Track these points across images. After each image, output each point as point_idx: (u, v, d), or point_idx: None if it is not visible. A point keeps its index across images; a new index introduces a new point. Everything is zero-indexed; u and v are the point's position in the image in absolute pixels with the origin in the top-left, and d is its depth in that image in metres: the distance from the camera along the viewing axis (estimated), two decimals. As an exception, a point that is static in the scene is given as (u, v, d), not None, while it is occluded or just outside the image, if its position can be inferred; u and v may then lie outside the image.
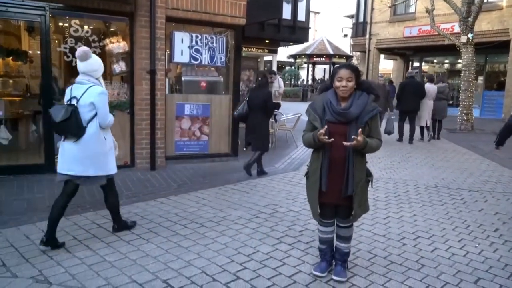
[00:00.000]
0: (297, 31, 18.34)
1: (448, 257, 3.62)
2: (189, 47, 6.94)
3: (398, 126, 10.14)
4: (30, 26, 6.66)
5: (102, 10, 6.09)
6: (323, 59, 30.06)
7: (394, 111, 10.43)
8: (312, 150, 3.16)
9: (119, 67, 6.44)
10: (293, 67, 35.28)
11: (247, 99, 6.45)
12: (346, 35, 33.84)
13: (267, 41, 18.56)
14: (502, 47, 15.27)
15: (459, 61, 14.89)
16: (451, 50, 14.52)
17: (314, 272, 3.21)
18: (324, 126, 2.95)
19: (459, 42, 12.53)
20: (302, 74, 34.98)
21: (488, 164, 7.74)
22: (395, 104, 10.46)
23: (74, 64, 5.96)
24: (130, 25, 6.41)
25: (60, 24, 6.36)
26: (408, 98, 9.86)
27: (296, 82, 33.50)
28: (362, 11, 22.87)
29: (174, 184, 5.86)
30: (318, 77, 35.47)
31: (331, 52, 29.19)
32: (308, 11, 19.66)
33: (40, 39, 5.84)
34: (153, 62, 6.38)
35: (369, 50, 21.05)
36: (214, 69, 7.63)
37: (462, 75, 12.84)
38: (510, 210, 5.00)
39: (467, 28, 12.19)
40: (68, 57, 5.96)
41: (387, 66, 27.75)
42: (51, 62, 5.94)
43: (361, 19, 23.00)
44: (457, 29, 13.90)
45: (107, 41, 6.33)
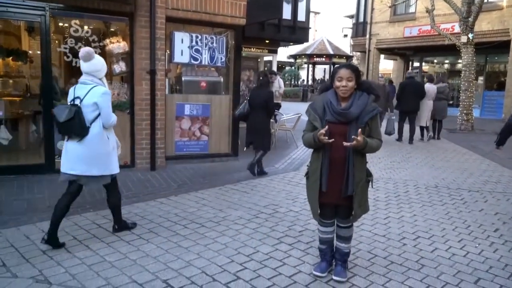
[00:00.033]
0: (297, 31, 18.33)
1: (448, 257, 3.62)
2: (189, 47, 6.94)
3: (398, 126, 10.14)
4: (30, 26, 6.67)
5: (102, 10, 6.09)
6: (323, 59, 30.07)
7: (394, 112, 10.43)
8: (312, 150, 3.16)
9: (119, 67, 6.44)
10: (293, 67, 35.28)
11: (248, 99, 6.46)
12: (346, 35, 33.84)
13: (267, 41, 18.55)
14: (502, 47, 15.26)
15: (459, 61, 14.88)
16: (451, 50, 14.51)
17: (314, 272, 3.21)
18: (324, 126, 2.95)
19: (459, 42, 12.53)
20: (302, 74, 34.97)
21: (488, 164, 7.73)
22: (395, 104, 10.46)
23: (74, 64, 5.99)
24: (130, 25, 6.42)
25: (60, 24, 6.36)
26: (408, 98, 9.87)
27: (296, 82, 33.50)
28: (362, 11, 22.88)
29: (174, 184, 5.86)
30: (318, 77, 35.47)
31: (331, 52, 29.19)
32: (308, 11, 19.65)
33: (40, 39, 5.84)
34: (153, 62, 6.38)
35: (369, 50, 21.05)
36: (214, 69, 7.63)
37: (462, 75, 12.84)
38: (510, 210, 5.00)
39: (467, 28, 12.19)
40: (68, 57, 5.97)
41: (387, 66, 27.76)
42: (51, 62, 5.94)
43: (361, 19, 23.01)
44: (457, 29, 13.90)
45: (107, 41, 6.33)
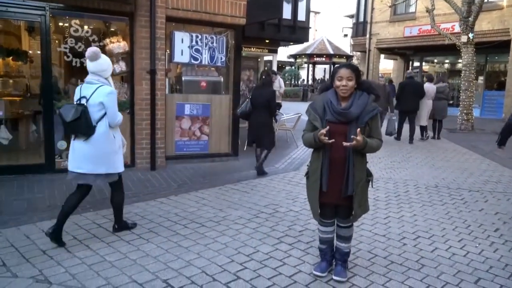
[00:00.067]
0: (297, 31, 18.32)
1: (448, 257, 3.62)
2: (189, 47, 6.94)
3: (398, 125, 10.14)
4: (30, 26, 6.67)
5: (102, 10, 6.09)
6: (323, 59, 30.04)
7: (394, 112, 10.42)
8: (312, 150, 3.16)
9: (119, 67, 6.43)
10: (293, 67, 35.27)
11: (251, 97, 6.49)
12: (346, 35, 33.83)
13: (267, 41, 18.51)
14: (502, 47, 15.26)
15: (460, 61, 14.87)
16: (452, 50, 14.50)
17: (314, 272, 3.20)
18: (324, 125, 2.95)
19: (460, 42, 12.53)
20: (302, 74, 34.97)
21: (488, 164, 7.73)
22: (394, 104, 10.45)
23: (74, 64, 6.00)
24: (130, 25, 6.41)
25: (60, 24, 6.36)
26: (407, 98, 9.89)
27: (296, 82, 33.50)
28: (362, 11, 22.87)
29: (174, 184, 5.86)
30: (318, 77, 35.46)
31: (331, 52, 29.17)
32: (308, 11, 19.63)
33: (40, 39, 5.84)
34: (153, 62, 6.38)
35: (369, 50, 21.05)
36: (214, 69, 7.63)
37: (462, 75, 12.84)
38: (510, 210, 5.00)
39: (468, 27, 12.19)
40: (68, 57, 5.96)
41: (387, 66, 27.74)
42: (51, 62, 5.93)
43: (361, 19, 23.00)
44: (457, 28, 13.90)
45: (107, 41, 6.33)
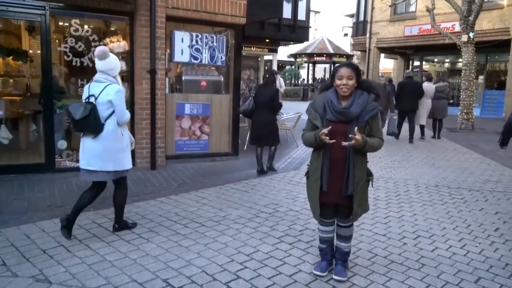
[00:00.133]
0: (297, 30, 18.32)
1: (448, 256, 3.62)
2: (189, 47, 6.93)
3: (397, 125, 10.12)
4: (30, 25, 6.65)
5: (102, 10, 6.09)
6: (324, 59, 30.04)
7: (395, 111, 10.40)
8: (312, 149, 3.15)
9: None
10: (293, 67, 35.26)
11: (254, 96, 6.54)
12: (346, 34, 33.83)
13: (267, 40, 18.51)
14: (502, 46, 15.25)
15: (460, 60, 14.87)
16: (452, 49, 14.50)
17: (315, 271, 3.20)
18: (324, 125, 2.95)
19: (460, 41, 12.52)
20: (303, 73, 34.97)
21: (488, 163, 7.73)
22: (394, 103, 10.44)
23: (74, 63, 6.01)
24: (130, 24, 6.41)
25: (60, 23, 6.35)
26: (406, 98, 9.93)
27: (296, 82, 33.49)
28: (362, 10, 22.88)
29: (175, 183, 5.86)
30: (319, 76, 35.46)
31: (332, 51, 29.16)
32: (308, 10, 19.62)
33: (40, 39, 5.84)
34: (153, 62, 6.38)
35: (369, 49, 21.04)
36: (214, 68, 7.63)
37: (462, 74, 12.83)
38: (510, 209, 4.99)
39: (468, 27, 12.18)
40: (68, 56, 5.97)
41: (388, 65, 27.72)
42: (52, 61, 5.94)
43: (361, 18, 23.01)
44: (457, 28, 13.89)
45: (107, 40, 6.33)
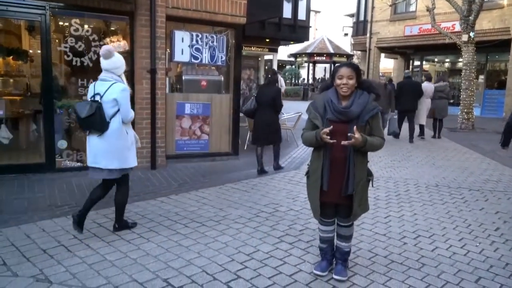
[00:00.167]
0: (297, 30, 18.31)
1: (449, 256, 3.61)
2: (189, 46, 6.93)
3: (397, 124, 10.13)
4: (30, 25, 6.66)
5: (102, 9, 6.09)
6: (324, 58, 30.01)
7: (395, 111, 10.40)
8: (312, 149, 3.15)
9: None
10: (293, 66, 35.23)
11: (256, 95, 6.55)
12: (346, 34, 33.84)
13: (268, 40, 18.50)
14: (503, 46, 15.24)
15: (460, 60, 14.87)
16: (452, 49, 14.49)
17: (315, 271, 3.20)
18: (324, 124, 2.95)
19: (460, 41, 12.52)
20: (303, 73, 34.94)
21: (488, 163, 7.73)
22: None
23: (74, 63, 6.01)
24: (131, 24, 6.41)
25: (60, 23, 6.35)
26: (406, 98, 9.94)
27: (296, 81, 33.49)
28: (362, 10, 22.86)
29: (175, 183, 5.86)
30: (319, 76, 35.45)
31: (332, 51, 29.14)
32: (308, 10, 19.62)
33: (40, 38, 5.84)
34: (153, 61, 6.38)
35: (369, 49, 21.03)
36: (214, 68, 7.63)
37: (463, 74, 12.83)
38: (511, 209, 4.99)
39: (468, 26, 12.17)
40: (68, 56, 5.97)
41: (388, 65, 27.71)
42: (52, 61, 5.94)
43: (361, 18, 23.00)
44: (458, 27, 13.89)
45: (108, 40, 6.33)
